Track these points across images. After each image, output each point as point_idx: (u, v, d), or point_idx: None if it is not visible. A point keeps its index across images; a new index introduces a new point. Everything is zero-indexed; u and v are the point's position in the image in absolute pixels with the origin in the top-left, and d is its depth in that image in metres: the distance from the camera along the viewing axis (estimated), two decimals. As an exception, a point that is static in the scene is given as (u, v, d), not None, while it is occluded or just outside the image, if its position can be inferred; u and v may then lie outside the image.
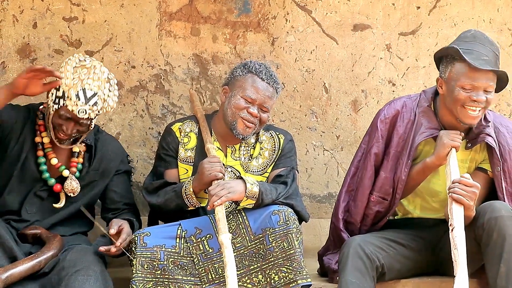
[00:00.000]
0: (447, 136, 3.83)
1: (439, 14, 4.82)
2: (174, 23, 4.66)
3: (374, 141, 4.01)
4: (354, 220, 4.04)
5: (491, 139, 3.91)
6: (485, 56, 3.79)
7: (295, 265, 3.71)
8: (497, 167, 3.91)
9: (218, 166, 3.85)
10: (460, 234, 3.57)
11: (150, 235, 3.79)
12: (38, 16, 4.55)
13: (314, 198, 4.80)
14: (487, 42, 3.85)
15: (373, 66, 4.81)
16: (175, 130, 4.10)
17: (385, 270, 3.86)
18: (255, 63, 4.05)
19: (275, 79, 4.03)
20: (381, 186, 3.99)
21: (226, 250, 3.58)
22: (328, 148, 4.81)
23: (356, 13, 4.78)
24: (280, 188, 3.93)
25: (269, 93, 4.00)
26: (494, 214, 3.74)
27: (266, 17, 4.72)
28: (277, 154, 4.10)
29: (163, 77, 4.67)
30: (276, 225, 3.75)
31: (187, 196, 3.90)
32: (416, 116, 3.98)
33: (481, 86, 3.80)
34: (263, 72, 4.01)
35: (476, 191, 3.69)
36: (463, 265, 3.51)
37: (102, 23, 4.60)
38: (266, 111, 4.00)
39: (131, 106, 4.66)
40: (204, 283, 3.78)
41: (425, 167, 3.91)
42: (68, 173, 3.92)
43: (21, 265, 3.63)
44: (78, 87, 3.75)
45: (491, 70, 3.78)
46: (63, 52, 4.57)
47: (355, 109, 4.80)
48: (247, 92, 3.98)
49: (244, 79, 4.01)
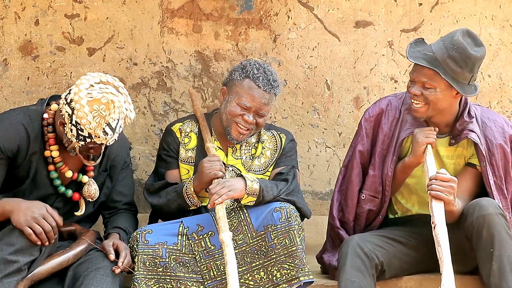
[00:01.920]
0: (421, 134, 3.87)
1: (441, 10, 4.82)
2: (176, 20, 4.66)
3: (359, 139, 4.07)
4: (347, 219, 4.07)
5: (474, 135, 3.92)
6: (427, 51, 3.83)
7: (297, 262, 3.71)
8: (483, 162, 3.93)
9: (218, 165, 3.86)
10: (442, 231, 3.61)
11: (152, 233, 3.80)
12: (40, 13, 4.55)
13: (316, 195, 4.80)
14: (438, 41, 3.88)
15: (375, 63, 4.81)
16: (175, 130, 4.09)
17: (384, 267, 3.87)
18: (254, 66, 4.00)
19: (272, 84, 3.98)
20: (370, 184, 4.03)
21: (227, 248, 3.59)
22: (330, 145, 4.81)
23: (358, 10, 4.77)
24: (281, 185, 3.93)
25: (265, 100, 3.97)
26: (482, 212, 3.76)
27: (268, 14, 4.72)
28: (279, 153, 4.10)
29: (165, 74, 4.67)
30: (278, 222, 3.75)
31: (188, 195, 3.91)
32: (401, 114, 4.02)
33: (418, 80, 3.85)
34: (261, 78, 3.96)
35: (453, 185, 3.72)
36: (448, 262, 3.54)
37: (104, 20, 4.61)
38: (262, 116, 3.99)
39: (133, 103, 4.59)
40: (206, 280, 3.78)
41: (405, 167, 3.96)
42: (87, 179, 3.82)
43: (48, 262, 3.60)
44: (103, 125, 3.56)
45: (425, 66, 3.81)
46: (65, 49, 4.57)
47: (357, 106, 4.80)
48: (243, 100, 3.94)
49: (241, 85, 3.97)
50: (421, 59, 3.82)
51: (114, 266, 3.65)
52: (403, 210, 4.14)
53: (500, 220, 3.75)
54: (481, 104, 4.79)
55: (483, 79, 4.85)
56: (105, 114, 3.55)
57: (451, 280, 3.51)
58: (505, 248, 3.73)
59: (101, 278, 3.60)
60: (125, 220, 3.95)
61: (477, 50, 3.82)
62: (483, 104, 4.81)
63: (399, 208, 4.15)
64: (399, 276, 4.00)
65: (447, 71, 3.79)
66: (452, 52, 3.79)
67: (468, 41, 3.81)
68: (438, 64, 3.80)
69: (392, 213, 4.16)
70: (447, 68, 3.79)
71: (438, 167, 3.86)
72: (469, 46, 3.80)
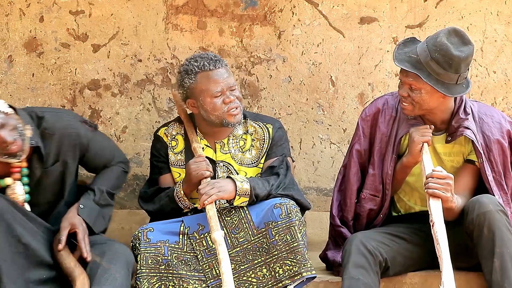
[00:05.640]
0: (416, 133, 3.87)
1: (446, 6, 4.80)
2: (180, 16, 4.67)
3: (356, 139, 4.07)
4: (346, 218, 4.06)
5: (470, 132, 3.91)
6: (412, 53, 3.82)
7: (299, 257, 3.71)
8: (480, 159, 3.92)
9: (204, 165, 3.85)
10: (440, 229, 3.60)
11: (153, 231, 3.81)
12: (44, 10, 4.56)
13: (321, 191, 4.80)
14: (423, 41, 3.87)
15: (380, 59, 4.80)
16: (161, 135, 4.08)
17: (388, 264, 3.87)
18: (191, 61, 3.95)
19: (216, 59, 3.95)
20: (370, 183, 4.02)
21: (220, 247, 3.59)
22: (334, 141, 4.81)
23: (363, 6, 4.76)
24: (272, 180, 3.92)
25: (226, 74, 3.94)
26: (482, 209, 3.75)
27: (273, 10, 4.72)
28: (268, 144, 4.06)
29: (170, 71, 4.67)
30: (279, 218, 3.75)
31: (179, 199, 3.91)
32: (398, 112, 4.02)
33: (405, 82, 3.85)
34: (205, 63, 3.92)
35: (450, 182, 3.72)
36: (447, 260, 3.53)
37: (109, 16, 4.61)
38: (234, 89, 3.96)
39: (138, 99, 4.67)
40: (209, 279, 3.78)
41: (404, 166, 3.96)
42: (11, 181, 3.72)
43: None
44: None
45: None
46: (70, 45, 4.59)
47: (362, 102, 4.79)
48: (212, 90, 3.90)
49: (199, 82, 3.92)
50: (405, 62, 3.81)
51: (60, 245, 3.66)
52: (405, 208, 4.14)
53: (500, 217, 3.74)
54: (486, 100, 4.79)
55: (488, 75, 4.83)
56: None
57: (450, 278, 3.50)
58: (507, 245, 3.72)
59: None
60: (101, 178, 3.91)
61: (463, 49, 3.76)
62: (488, 101, 4.80)
63: (401, 206, 4.14)
64: (403, 273, 3.99)
65: (431, 73, 3.77)
66: (434, 54, 3.76)
67: (453, 40, 3.76)
68: (421, 67, 3.78)
69: (395, 211, 4.16)
70: (431, 70, 3.77)
71: (435, 164, 3.86)
72: (453, 46, 3.75)
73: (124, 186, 4.66)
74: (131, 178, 4.68)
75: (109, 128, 4.67)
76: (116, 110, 4.66)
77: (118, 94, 4.66)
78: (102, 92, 4.66)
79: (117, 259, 3.64)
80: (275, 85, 4.75)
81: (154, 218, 4.02)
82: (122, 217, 4.63)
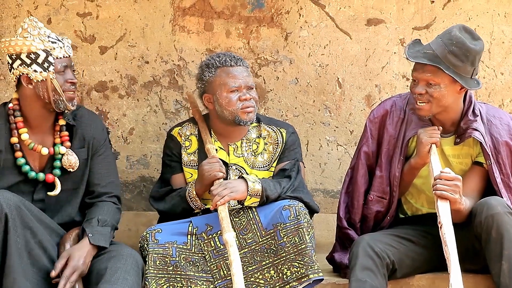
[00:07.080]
0: (425, 134, 3.87)
1: (453, 8, 4.80)
2: (187, 18, 4.67)
3: (364, 141, 4.07)
4: (353, 220, 4.06)
5: (478, 134, 3.91)
6: (426, 50, 3.82)
7: (307, 259, 3.71)
8: (488, 161, 3.91)
9: (218, 166, 3.86)
10: (449, 230, 3.59)
11: (162, 232, 3.81)
12: (52, 12, 4.57)
13: (328, 193, 4.80)
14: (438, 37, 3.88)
15: (387, 61, 4.80)
16: (175, 134, 4.09)
17: (396, 266, 3.86)
18: (213, 57, 4.02)
19: (238, 58, 4.01)
20: (378, 185, 4.02)
21: (231, 249, 3.59)
22: (341, 143, 4.81)
23: (369, 8, 4.76)
24: (284, 182, 3.93)
25: (246, 72, 4.00)
26: (491, 211, 3.75)
27: (280, 12, 4.72)
28: (281, 148, 4.08)
29: (177, 72, 4.68)
30: (287, 220, 3.75)
31: (191, 199, 3.91)
32: (406, 114, 4.02)
33: (422, 78, 3.84)
34: (227, 59, 3.98)
35: (458, 183, 3.71)
36: (455, 262, 3.53)
37: (116, 18, 4.62)
38: (252, 88, 4.00)
39: (145, 101, 4.67)
40: (216, 280, 3.78)
41: (412, 168, 3.96)
42: (65, 150, 3.77)
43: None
44: (45, 36, 3.69)
45: (427, 64, 3.81)
46: (77, 47, 4.59)
47: (369, 104, 4.79)
48: (229, 85, 3.95)
49: (218, 77, 3.97)
50: (422, 58, 3.82)
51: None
52: (413, 210, 4.13)
53: (509, 219, 3.74)
54: (493, 102, 4.78)
55: (495, 77, 4.83)
56: (36, 29, 3.68)
57: (459, 280, 3.50)
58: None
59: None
60: (101, 211, 3.82)
61: (476, 43, 3.82)
62: (495, 102, 4.80)
63: (408, 208, 4.14)
64: (411, 275, 3.99)
65: (449, 66, 3.79)
66: (451, 47, 3.79)
67: (465, 35, 3.82)
68: (439, 61, 3.79)
69: (402, 213, 4.16)
70: (449, 63, 3.79)
71: (443, 166, 3.86)
72: (467, 40, 3.80)
73: (131, 188, 4.67)
74: (138, 180, 4.69)
75: (116, 130, 4.67)
76: (123, 112, 4.66)
77: (125, 96, 4.67)
78: (109, 94, 4.66)
79: (126, 261, 3.64)
80: (282, 87, 4.75)
81: (164, 218, 4.02)
82: (129, 219, 4.63)
